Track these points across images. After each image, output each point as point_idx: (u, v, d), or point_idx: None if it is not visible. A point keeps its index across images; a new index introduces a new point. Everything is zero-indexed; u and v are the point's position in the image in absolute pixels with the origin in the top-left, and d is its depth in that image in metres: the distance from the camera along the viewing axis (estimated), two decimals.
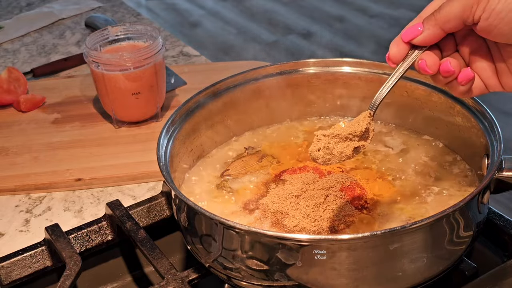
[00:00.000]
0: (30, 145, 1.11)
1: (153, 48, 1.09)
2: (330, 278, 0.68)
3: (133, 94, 1.10)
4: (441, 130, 0.91)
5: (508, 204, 2.27)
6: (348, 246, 0.67)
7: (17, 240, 0.92)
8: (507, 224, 0.82)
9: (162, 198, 0.90)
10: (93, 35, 1.13)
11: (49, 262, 0.85)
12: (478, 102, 0.83)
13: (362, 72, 0.94)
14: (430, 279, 0.72)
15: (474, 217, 0.73)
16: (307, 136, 0.96)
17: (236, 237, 0.69)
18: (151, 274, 0.94)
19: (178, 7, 4.35)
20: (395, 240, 0.67)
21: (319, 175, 0.85)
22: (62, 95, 1.25)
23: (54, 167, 1.05)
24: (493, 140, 0.78)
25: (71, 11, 1.65)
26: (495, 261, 0.82)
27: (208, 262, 0.75)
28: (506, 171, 0.75)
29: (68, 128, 1.15)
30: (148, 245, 0.81)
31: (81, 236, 0.87)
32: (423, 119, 0.92)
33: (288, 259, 0.67)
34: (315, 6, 4.19)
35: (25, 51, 1.48)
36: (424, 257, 0.69)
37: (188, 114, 0.88)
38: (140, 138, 1.11)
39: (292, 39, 3.80)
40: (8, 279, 0.83)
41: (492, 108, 0.83)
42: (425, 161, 0.89)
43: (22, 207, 0.99)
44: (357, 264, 0.67)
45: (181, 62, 1.38)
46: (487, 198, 0.75)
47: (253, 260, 0.69)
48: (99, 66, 1.08)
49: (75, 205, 0.99)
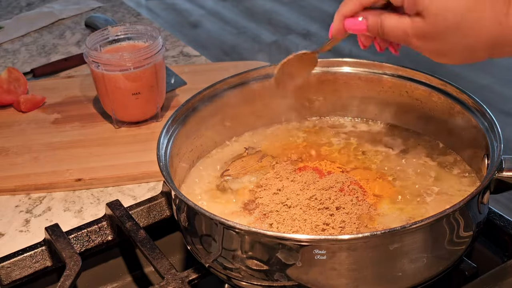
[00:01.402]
0: (30, 145, 1.11)
1: (153, 48, 1.09)
2: (330, 278, 0.68)
3: (133, 94, 1.10)
4: (441, 130, 0.91)
5: (508, 204, 2.27)
6: (348, 246, 0.67)
7: (17, 240, 0.92)
8: (507, 224, 0.82)
9: (162, 198, 0.90)
10: (93, 35, 1.13)
11: (49, 262, 0.85)
12: (478, 102, 0.83)
13: (362, 72, 0.94)
14: (430, 279, 0.72)
15: (474, 217, 0.73)
16: (307, 136, 0.96)
17: (236, 237, 0.69)
18: (151, 274, 0.94)
19: (178, 7, 4.35)
20: (395, 240, 0.67)
21: (319, 175, 0.85)
22: (62, 95, 1.25)
23: (54, 167, 1.05)
24: (493, 140, 0.78)
25: (71, 11, 1.65)
26: (495, 261, 0.82)
27: (208, 262, 0.75)
28: (506, 171, 0.75)
29: (68, 128, 1.15)
30: (148, 245, 0.81)
31: (81, 236, 0.87)
32: (423, 119, 0.92)
33: (288, 259, 0.67)
34: (315, 6, 4.19)
35: (25, 51, 1.48)
36: (424, 257, 0.69)
37: (188, 114, 0.88)
38: (140, 138, 1.11)
39: (292, 39, 3.79)
40: (8, 279, 0.83)
41: (492, 108, 0.83)
42: (425, 161, 0.89)
43: (22, 207, 0.99)
44: (357, 264, 0.67)
45: (181, 62, 1.38)
46: (487, 198, 0.75)
47: (253, 260, 0.69)
48: (99, 66, 1.08)
49: (75, 205, 0.99)
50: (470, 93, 0.85)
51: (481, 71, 3.21)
